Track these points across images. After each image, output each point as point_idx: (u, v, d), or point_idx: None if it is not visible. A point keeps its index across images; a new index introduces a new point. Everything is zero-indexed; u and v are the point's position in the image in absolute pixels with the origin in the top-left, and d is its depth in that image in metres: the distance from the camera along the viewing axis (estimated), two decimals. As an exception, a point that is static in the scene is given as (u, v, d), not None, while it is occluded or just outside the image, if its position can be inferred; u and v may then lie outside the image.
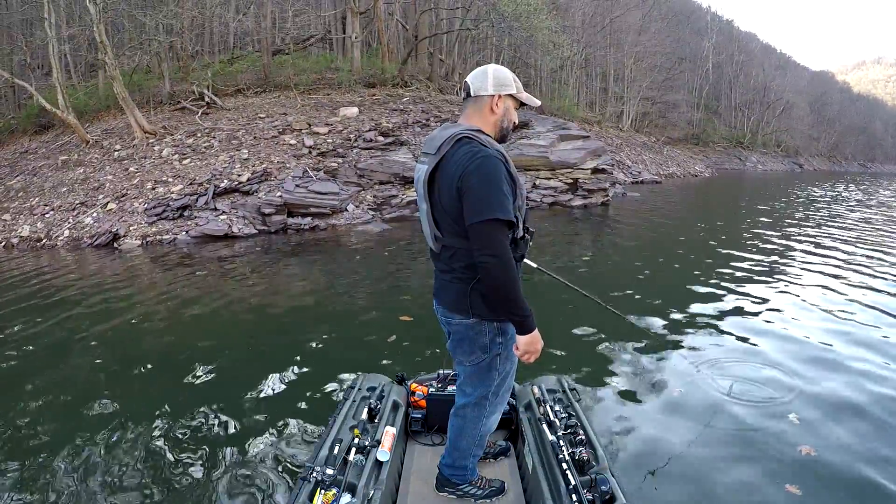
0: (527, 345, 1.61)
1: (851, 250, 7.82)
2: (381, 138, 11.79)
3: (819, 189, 23.55)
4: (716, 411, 2.93)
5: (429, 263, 1.83)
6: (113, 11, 13.59)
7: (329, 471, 1.68)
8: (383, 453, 1.86)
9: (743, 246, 8.08)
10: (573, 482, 1.68)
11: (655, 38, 38.56)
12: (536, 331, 1.61)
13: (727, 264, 6.71)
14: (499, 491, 1.96)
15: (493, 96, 1.64)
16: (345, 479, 1.69)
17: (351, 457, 1.80)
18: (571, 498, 1.64)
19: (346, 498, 1.63)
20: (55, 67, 11.97)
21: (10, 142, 13.93)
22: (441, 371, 2.48)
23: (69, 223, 8.77)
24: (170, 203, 8.91)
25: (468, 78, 1.69)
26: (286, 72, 15.60)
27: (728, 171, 39.74)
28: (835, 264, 6.81)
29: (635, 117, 37.34)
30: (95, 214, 8.93)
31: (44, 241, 8.41)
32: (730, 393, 3.14)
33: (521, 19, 15.15)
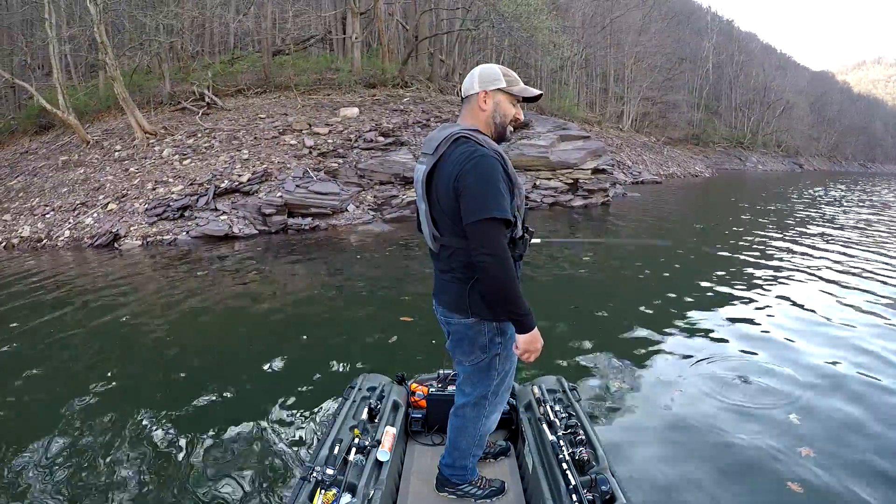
0: (526, 343, 1.61)
1: (854, 252, 7.81)
2: (382, 139, 11.80)
3: (820, 190, 23.53)
4: (715, 411, 2.93)
5: (429, 264, 1.84)
6: (113, 12, 13.60)
7: (329, 471, 1.68)
8: (383, 453, 1.86)
9: (744, 247, 8.07)
10: (573, 482, 1.68)
11: (656, 39, 38.55)
12: (536, 329, 1.61)
13: (728, 265, 6.70)
14: (499, 491, 1.96)
15: (480, 93, 1.65)
16: (345, 479, 1.69)
17: (351, 457, 1.80)
18: (571, 498, 1.64)
19: (347, 498, 1.63)
20: (55, 68, 11.97)
21: (11, 142, 13.94)
22: (441, 371, 2.48)
23: (69, 223, 8.77)
24: (170, 203, 8.92)
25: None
26: (286, 72, 15.60)
27: (728, 172, 39.73)
28: (836, 267, 6.81)
29: (635, 117, 37.33)
30: (96, 215, 8.94)
31: (44, 242, 8.41)
32: (730, 393, 3.14)
33: (522, 19, 15.15)
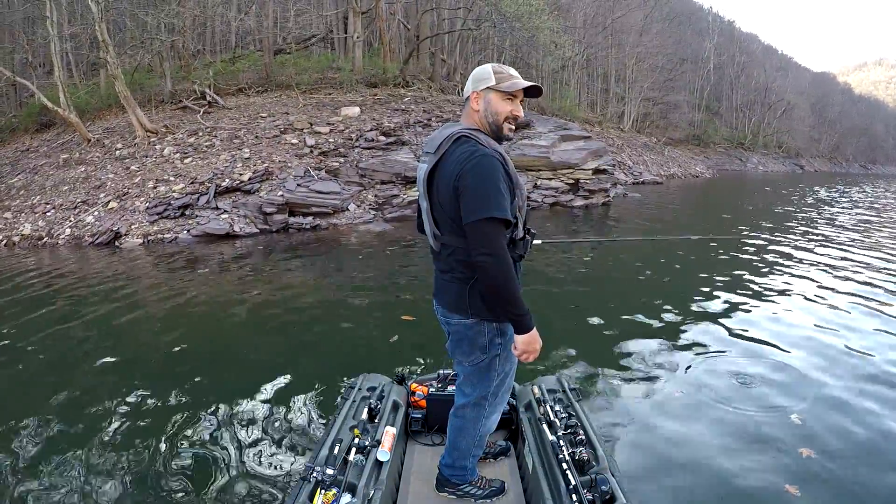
0: (525, 344, 1.60)
1: (856, 254, 7.80)
2: (383, 138, 11.80)
3: (821, 190, 23.51)
4: (716, 412, 2.93)
5: (430, 263, 1.84)
6: (115, 10, 13.61)
7: (329, 471, 1.68)
8: (383, 453, 1.86)
9: (745, 248, 8.07)
10: (573, 482, 1.68)
11: (657, 39, 38.47)
12: (535, 330, 1.60)
13: (729, 266, 6.70)
14: (499, 491, 1.96)
15: (472, 94, 1.66)
16: (345, 479, 1.69)
17: (351, 457, 1.80)
18: (571, 498, 1.64)
19: (347, 498, 1.63)
20: (57, 66, 11.98)
21: (12, 140, 13.94)
22: (441, 371, 2.48)
23: (70, 222, 8.77)
24: (171, 202, 8.92)
25: None
26: (288, 71, 15.61)
27: (729, 172, 39.71)
28: (839, 266, 6.80)
29: (636, 118, 37.27)
30: (97, 213, 8.94)
31: (45, 240, 8.42)
32: (730, 394, 3.14)
33: (523, 20, 15.13)
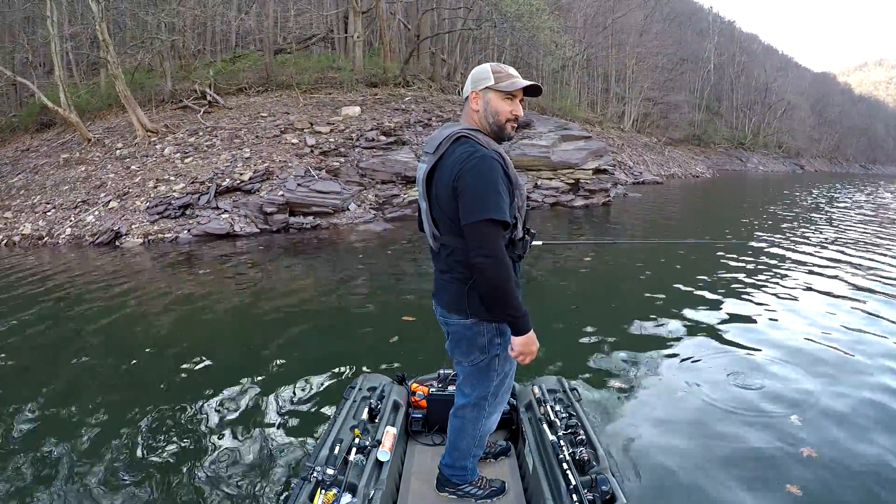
0: (521, 346, 1.59)
1: (858, 255, 7.79)
2: (383, 138, 11.80)
3: (822, 191, 23.51)
4: (716, 412, 2.93)
5: (430, 263, 1.84)
6: (115, 9, 13.62)
7: (329, 471, 1.68)
8: (384, 453, 1.86)
9: (745, 249, 8.06)
10: (573, 482, 1.68)
11: (657, 39, 38.49)
12: (532, 332, 1.59)
13: (729, 267, 6.70)
14: (499, 491, 1.96)
15: (471, 94, 1.65)
16: (345, 479, 1.69)
17: (351, 457, 1.81)
18: (572, 498, 1.64)
19: (347, 498, 1.63)
20: (57, 65, 11.98)
21: (12, 140, 13.96)
22: (441, 371, 2.48)
23: (71, 221, 8.78)
24: (172, 202, 8.92)
25: None
26: (288, 71, 15.61)
27: (729, 172, 39.71)
28: (840, 268, 6.79)
29: (637, 118, 37.29)
30: (97, 213, 8.94)
31: (45, 240, 8.42)
32: (731, 393, 3.14)
33: (523, 19, 15.14)
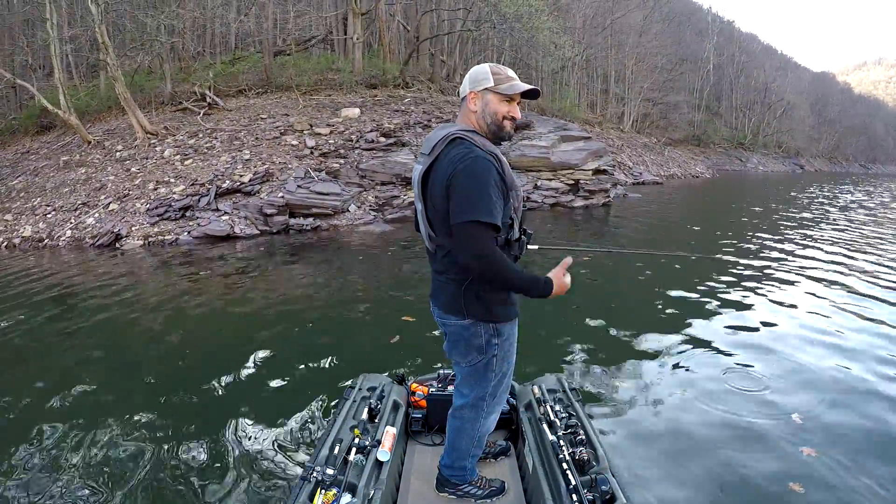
0: (557, 295, 1.63)
1: (859, 256, 7.79)
2: (383, 139, 11.81)
3: (822, 191, 23.50)
4: (716, 411, 2.93)
5: (429, 264, 1.84)
6: (115, 12, 13.63)
7: (329, 471, 1.68)
8: (383, 453, 1.86)
9: (745, 250, 8.07)
10: (573, 482, 1.68)
11: (656, 39, 38.52)
12: (555, 282, 1.61)
13: (729, 267, 6.70)
14: (499, 491, 1.96)
15: (469, 94, 1.65)
16: (345, 479, 1.69)
17: (351, 457, 1.81)
18: (572, 498, 1.64)
19: (347, 498, 1.63)
20: (57, 68, 11.99)
21: (12, 142, 13.97)
22: (441, 371, 2.48)
23: (71, 223, 8.78)
24: (172, 203, 8.93)
25: None
26: (288, 72, 15.62)
27: (729, 173, 39.71)
28: (841, 270, 6.79)
29: (636, 118, 37.29)
30: (97, 215, 8.95)
31: (45, 242, 8.42)
32: (731, 393, 3.14)
33: (523, 20, 15.15)
